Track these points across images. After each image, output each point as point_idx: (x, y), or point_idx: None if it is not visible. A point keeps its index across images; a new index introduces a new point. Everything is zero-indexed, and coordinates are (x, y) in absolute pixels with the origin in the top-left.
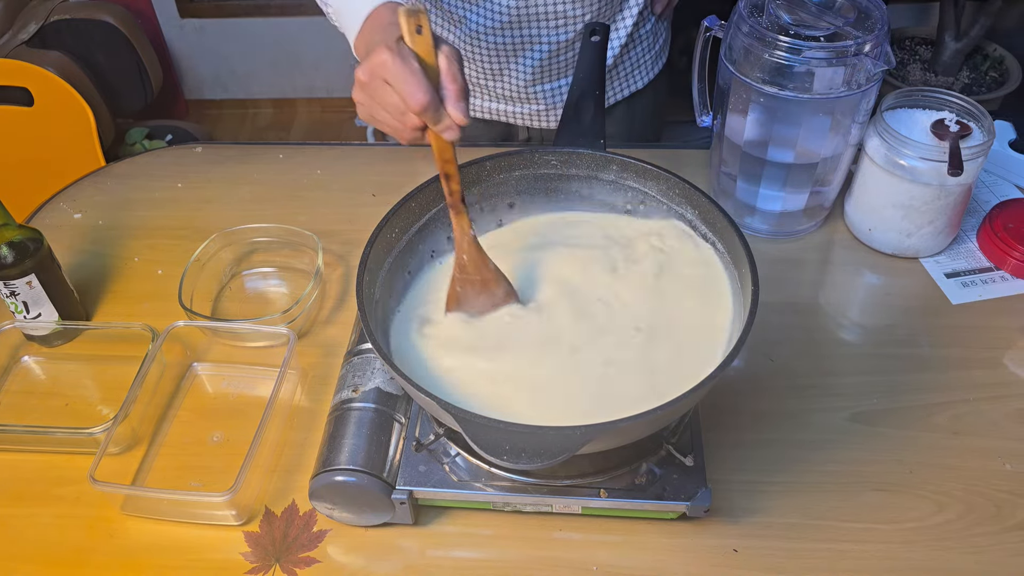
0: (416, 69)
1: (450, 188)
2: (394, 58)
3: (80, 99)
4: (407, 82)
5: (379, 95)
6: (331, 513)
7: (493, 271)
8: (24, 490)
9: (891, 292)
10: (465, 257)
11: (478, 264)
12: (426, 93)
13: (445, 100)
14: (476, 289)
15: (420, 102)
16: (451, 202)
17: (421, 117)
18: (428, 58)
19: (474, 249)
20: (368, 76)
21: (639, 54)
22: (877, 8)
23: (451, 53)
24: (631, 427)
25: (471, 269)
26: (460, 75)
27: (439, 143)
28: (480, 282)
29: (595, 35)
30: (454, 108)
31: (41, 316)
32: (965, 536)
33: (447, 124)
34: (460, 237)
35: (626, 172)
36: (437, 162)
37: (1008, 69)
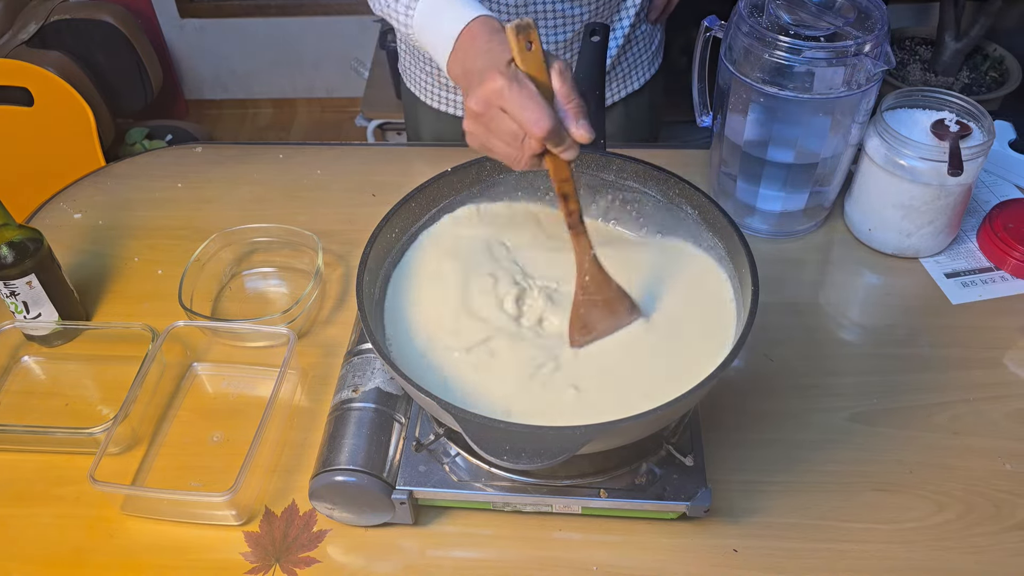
0: (535, 94)
1: (568, 208)
2: (510, 84)
3: (80, 99)
4: (527, 109)
5: (495, 125)
6: (331, 513)
7: (616, 289)
8: (24, 490)
9: (891, 292)
10: (588, 278)
11: (600, 284)
12: (550, 119)
13: (565, 120)
14: (600, 310)
15: (544, 128)
16: (570, 222)
17: (544, 143)
18: (540, 76)
19: (595, 268)
20: (483, 106)
21: (636, 55)
22: (877, 8)
23: (563, 69)
24: (631, 427)
25: (594, 289)
26: (575, 92)
27: (556, 164)
28: (603, 302)
29: (595, 35)
30: (576, 127)
31: (41, 316)
32: (965, 536)
33: (568, 145)
34: (581, 257)
35: (626, 172)
36: (554, 183)
37: (1008, 69)
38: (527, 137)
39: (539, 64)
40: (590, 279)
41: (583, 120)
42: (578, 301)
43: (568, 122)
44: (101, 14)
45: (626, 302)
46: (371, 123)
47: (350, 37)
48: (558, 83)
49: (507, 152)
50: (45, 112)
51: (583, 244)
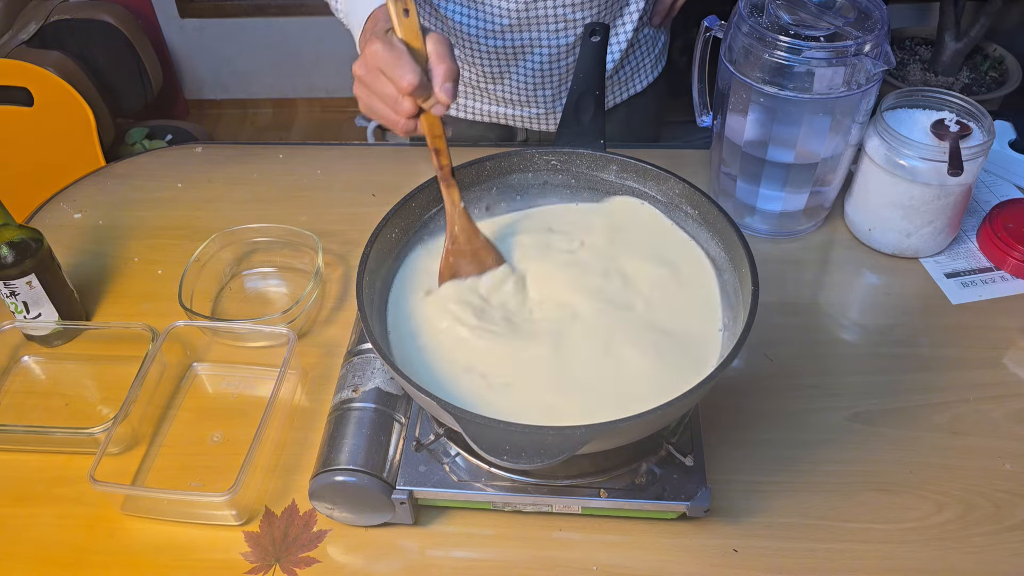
0: (403, 52)
1: (440, 162)
2: (384, 45)
3: (80, 99)
4: (396, 65)
5: (375, 85)
6: (331, 513)
7: (483, 241)
8: (24, 490)
9: (891, 292)
10: (456, 228)
11: (469, 234)
12: (414, 73)
13: (432, 80)
14: (467, 259)
15: (410, 82)
16: (442, 175)
17: (412, 96)
18: (416, 41)
19: (465, 219)
20: (363, 68)
21: (639, 58)
22: (877, 8)
23: (439, 38)
24: (631, 427)
25: (462, 239)
26: (448, 56)
27: (429, 120)
28: (471, 252)
29: (595, 35)
30: (440, 88)
31: (41, 316)
32: (965, 536)
33: (434, 101)
34: (451, 209)
35: (626, 172)
36: (428, 138)
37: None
38: (400, 97)
39: (415, 30)
40: (459, 230)
41: (448, 83)
42: (448, 250)
43: (435, 82)
44: (101, 14)
45: (492, 252)
46: (371, 123)
47: (350, 37)
48: (431, 47)
49: (387, 113)
50: (45, 112)
51: (454, 196)
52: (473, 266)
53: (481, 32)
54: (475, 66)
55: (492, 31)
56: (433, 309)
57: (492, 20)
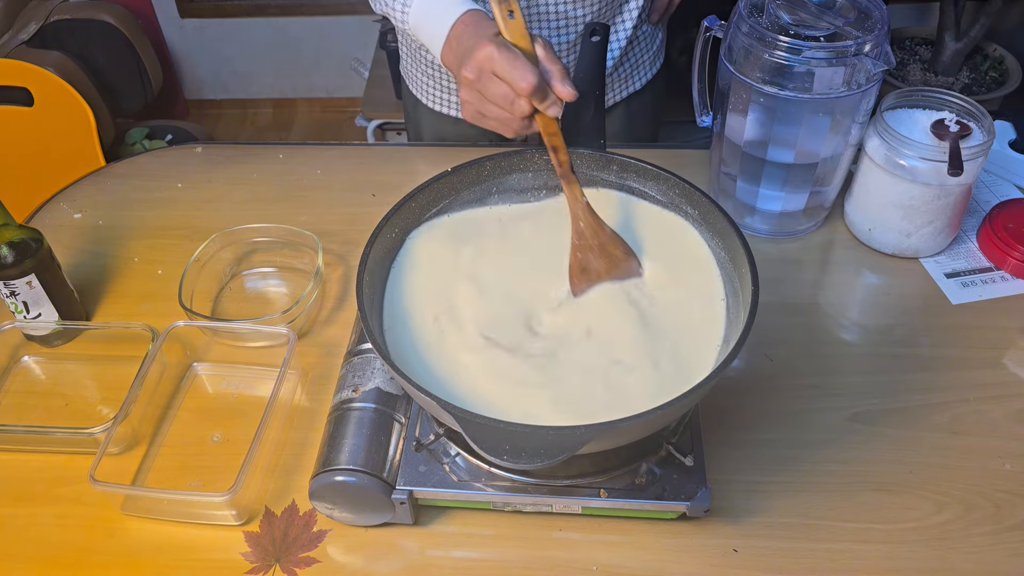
0: (519, 55)
1: (559, 159)
2: (498, 49)
3: (80, 99)
4: (515, 68)
5: (488, 88)
6: (331, 513)
7: (610, 233)
8: (24, 490)
9: (891, 292)
10: (582, 224)
11: (595, 228)
12: (535, 75)
13: (551, 79)
14: (595, 254)
15: (531, 83)
16: (562, 172)
17: (531, 99)
18: (524, 42)
19: (589, 214)
20: (475, 72)
21: (638, 55)
22: (877, 8)
23: (545, 43)
24: (631, 427)
25: (588, 234)
26: (557, 59)
27: (544, 121)
28: (598, 246)
29: (595, 35)
30: (561, 85)
31: (41, 316)
32: (965, 536)
33: (552, 101)
34: (574, 205)
35: (626, 172)
36: (544, 137)
37: (1008, 69)
38: (516, 98)
39: (522, 31)
40: (584, 225)
41: (568, 80)
42: (575, 246)
43: (553, 81)
44: (101, 14)
45: (620, 245)
46: (371, 123)
47: (350, 37)
48: (541, 51)
49: (500, 115)
50: (45, 112)
51: (575, 192)
52: (602, 260)
53: None
54: None
55: None
56: (433, 308)
57: None
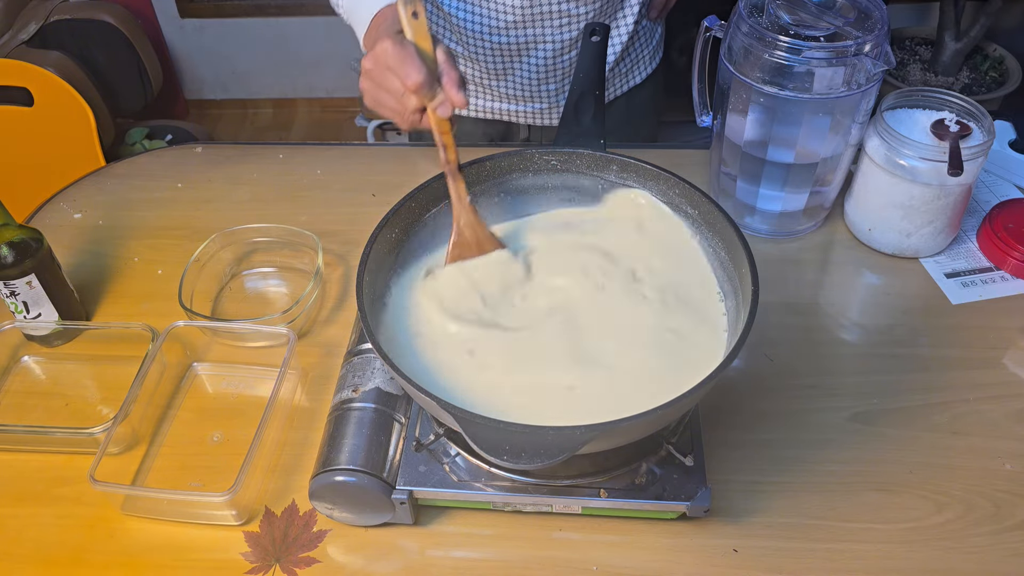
0: (412, 53)
1: (447, 157)
2: (394, 44)
3: (80, 99)
4: (404, 63)
5: (382, 80)
6: (331, 513)
7: (487, 234)
8: (24, 490)
9: (891, 292)
10: (462, 222)
11: (474, 227)
12: (420, 72)
13: (445, 84)
14: (471, 249)
15: (416, 80)
16: (449, 170)
17: (417, 95)
18: (424, 43)
19: (470, 214)
20: (372, 63)
21: (638, 51)
22: (877, 8)
23: (448, 49)
24: (631, 427)
25: (467, 233)
26: (454, 66)
27: (435, 118)
28: (476, 244)
29: (595, 35)
30: (454, 91)
31: (41, 316)
32: (965, 536)
33: (440, 100)
34: (457, 203)
35: (626, 172)
36: (435, 133)
37: (1008, 69)
38: (406, 92)
39: (424, 32)
40: (464, 223)
41: (461, 88)
42: (452, 242)
43: (448, 86)
44: (101, 14)
45: (494, 244)
46: (371, 123)
47: (350, 37)
48: (441, 56)
49: (394, 107)
50: (45, 112)
51: (460, 190)
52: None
53: (485, 29)
54: (478, 63)
55: (496, 28)
56: (433, 307)
57: (495, 17)
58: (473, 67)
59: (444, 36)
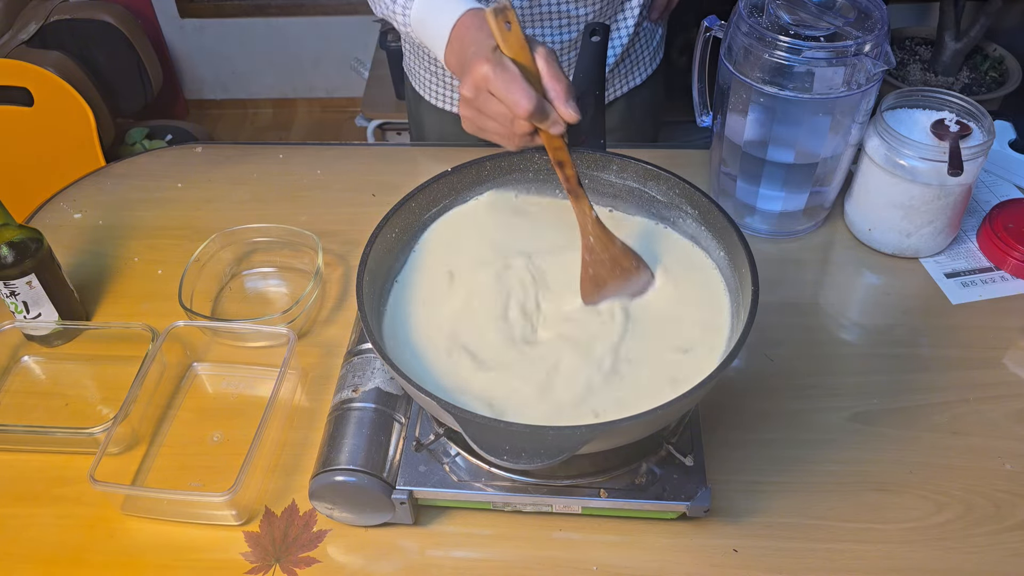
0: (517, 75)
1: (565, 174)
2: (494, 68)
3: (80, 99)
4: (511, 91)
5: (486, 107)
6: (331, 513)
7: (620, 247)
8: (24, 490)
9: (891, 292)
10: (592, 238)
11: (605, 242)
12: (530, 99)
13: (553, 100)
14: (607, 268)
15: (526, 108)
16: (569, 187)
17: (530, 121)
18: (523, 56)
19: (599, 228)
20: (473, 92)
21: (638, 52)
22: (877, 8)
23: (547, 54)
24: (631, 427)
25: (599, 248)
26: (562, 73)
27: (548, 137)
28: (609, 260)
29: (595, 35)
30: (564, 107)
31: (41, 316)
32: (965, 536)
33: (554, 119)
34: (583, 220)
35: (626, 172)
36: (549, 152)
37: (1008, 69)
38: (515, 118)
39: (520, 44)
40: (594, 239)
41: (571, 101)
42: (586, 261)
43: (557, 102)
44: (101, 14)
45: (632, 258)
46: (371, 123)
47: (350, 37)
48: (543, 65)
49: (500, 131)
50: (45, 112)
51: (584, 207)
52: (614, 273)
53: None
54: None
55: None
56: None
57: None
58: None
59: None
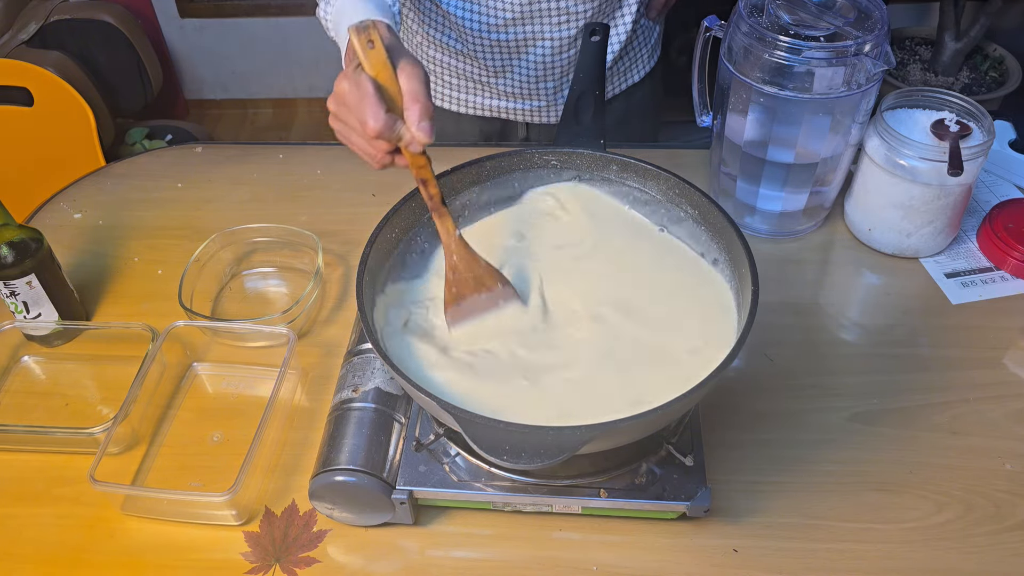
0: (370, 94)
1: (429, 193)
2: (350, 86)
3: (80, 99)
4: (361, 110)
5: (348, 121)
6: (331, 513)
7: (484, 266)
8: (24, 490)
9: (891, 292)
10: (455, 257)
11: (469, 262)
12: (377, 119)
13: (407, 120)
14: (471, 288)
15: (373, 128)
16: (432, 206)
17: (381, 139)
18: (383, 74)
19: (462, 248)
20: (335, 106)
21: (636, 49)
22: (877, 8)
23: (411, 71)
24: (631, 427)
25: (462, 267)
26: (422, 92)
27: (410, 155)
28: (473, 279)
29: (595, 35)
30: (416, 127)
31: (41, 316)
32: (965, 536)
33: (409, 139)
34: (447, 239)
35: (626, 172)
36: (412, 170)
37: (1008, 69)
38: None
39: (383, 63)
40: (458, 259)
41: (424, 122)
42: (449, 280)
43: (411, 123)
44: (101, 14)
45: (497, 277)
46: None
47: None
48: (404, 84)
49: (363, 148)
50: (45, 112)
51: (448, 226)
52: (479, 294)
53: (483, 26)
54: (477, 61)
55: (494, 25)
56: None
57: (494, 14)
58: (471, 64)
59: (442, 33)
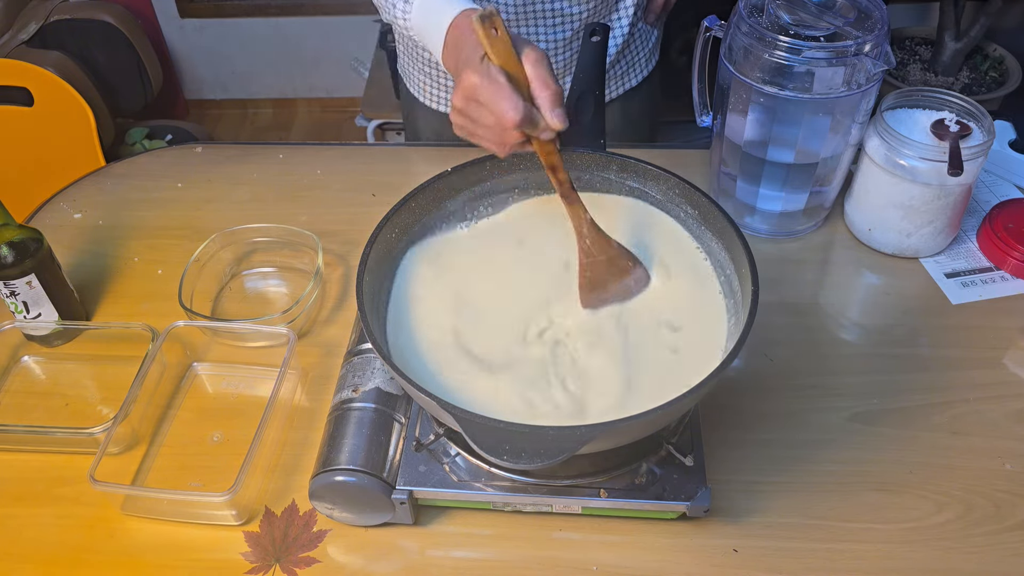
0: (504, 86)
1: (558, 179)
2: (482, 79)
3: (80, 99)
4: (498, 102)
5: (477, 116)
6: (331, 513)
7: (616, 247)
8: (24, 490)
9: (891, 292)
10: (588, 241)
11: (601, 244)
12: (517, 110)
13: (540, 107)
14: (604, 269)
15: (513, 120)
16: (562, 191)
17: (519, 130)
18: (511, 64)
19: (594, 230)
20: (463, 102)
21: (634, 52)
22: (877, 8)
23: (536, 58)
24: (631, 427)
25: (595, 250)
26: (551, 78)
27: (539, 143)
28: (606, 261)
29: (595, 35)
30: (551, 115)
31: (41, 316)
32: (965, 536)
33: (543, 127)
34: (578, 223)
35: (626, 172)
36: (541, 158)
37: (1008, 69)
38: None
39: (508, 50)
40: (590, 242)
41: (558, 108)
42: (583, 264)
43: (544, 110)
44: (101, 14)
45: (629, 258)
46: (371, 123)
47: (350, 37)
48: (531, 71)
49: (491, 139)
50: (45, 112)
51: (577, 210)
52: (611, 273)
53: None
54: None
55: None
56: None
57: None
58: None
59: None
